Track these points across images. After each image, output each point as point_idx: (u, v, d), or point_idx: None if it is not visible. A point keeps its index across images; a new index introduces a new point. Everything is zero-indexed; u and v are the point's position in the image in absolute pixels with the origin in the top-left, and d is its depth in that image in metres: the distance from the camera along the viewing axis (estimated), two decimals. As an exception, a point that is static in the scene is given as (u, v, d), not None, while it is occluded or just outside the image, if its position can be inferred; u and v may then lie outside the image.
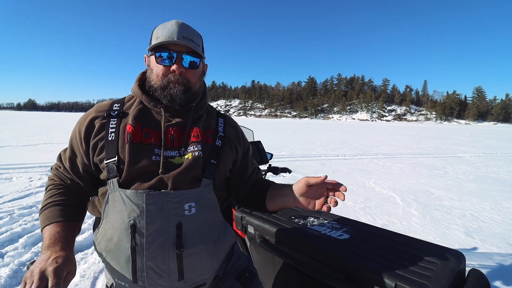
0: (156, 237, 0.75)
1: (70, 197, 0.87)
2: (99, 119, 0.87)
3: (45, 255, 0.71)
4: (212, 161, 0.88)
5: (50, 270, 0.66)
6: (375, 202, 4.30)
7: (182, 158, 0.84)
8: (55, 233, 0.77)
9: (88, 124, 0.86)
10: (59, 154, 0.93)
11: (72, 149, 0.89)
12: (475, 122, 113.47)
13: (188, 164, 0.83)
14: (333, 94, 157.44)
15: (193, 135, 0.88)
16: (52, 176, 0.93)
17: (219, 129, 0.96)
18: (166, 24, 0.85)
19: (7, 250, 2.52)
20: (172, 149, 0.85)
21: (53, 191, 0.87)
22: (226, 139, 0.95)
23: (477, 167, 7.68)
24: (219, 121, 0.99)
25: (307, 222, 1.25)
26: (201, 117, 0.94)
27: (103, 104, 0.91)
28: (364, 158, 8.81)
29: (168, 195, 0.77)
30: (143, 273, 0.76)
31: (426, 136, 22.42)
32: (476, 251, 2.83)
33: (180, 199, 0.78)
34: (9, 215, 3.25)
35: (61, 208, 0.83)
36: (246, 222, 1.35)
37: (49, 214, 0.81)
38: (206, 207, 0.83)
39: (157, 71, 0.85)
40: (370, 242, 1.05)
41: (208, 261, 0.84)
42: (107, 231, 0.79)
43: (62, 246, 0.74)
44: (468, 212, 3.94)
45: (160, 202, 0.76)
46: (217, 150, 0.90)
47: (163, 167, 0.81)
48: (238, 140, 1.02)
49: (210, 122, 0.96)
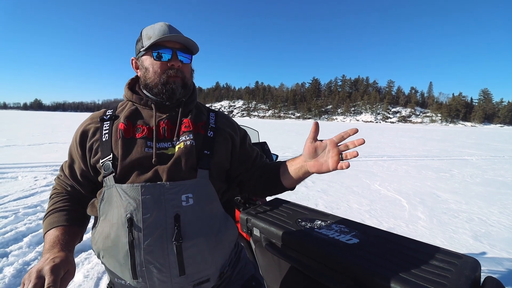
0: (153, 229, 0.74)
1: (72, 203, 0.89)
2: (93, 124, 0.90)
3: (44, 257, 0.71)
4: (206, 151, 0.87)
5: (47, 268, 0.65)
6: (380, 204, 4.24)
7: (174, 148, 0.84)
8: (55, 237, 0.78)
9: (83, 130, 0.89)
10: (61, 165, 0.96)
11: (71, 156, 0.92)
12: (481, 125, 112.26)
13: (181, 153, 0.82)
14: (337, 96, 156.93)
15: (184, 126, 0.88)
16: (55, 186, 0.96)
17: (210, 121, 0.96)
18: (154, 26, 0.89)
19: (11, 249, 2.53)
20: (164, 141, 0.86)
21: (56, 198, 0.89)
22: (218, 130, 0.95)
23: (484, 170, 7.56)
24: (210, 115, 0.99)
25: (314, 225, 1.22)
26: (191, 111, 0.95)
27: (97, 113, 0.96)
28: (368, 160, 8.73)
29: (164, 186, 0.76)
30: (143, 268, 0.74)
31: (432, 138, 22.19)
32: (485, 256, 2.76)
33: (176, 190, 0.77)
34: (14, 214, 3.26)
35: (62, 213, 0.85)
36: (251, 225, 1.33)
37: (50, 220, 0.83)
38: (204, 198, 0.81)
39: (155, 68, 0.87)
40: (380, 247, 1.01)
41: (210, 255, 0.81)
42: (104, 229, 0.78)
43: (60, 248, 0.74)
44: (476, 216, 3.87)
45: (156, 194, 0.75)
46: (210, 140, 0.90)
47: (155, 156, 0.81)
48: (233, 128, 1.01)
49: (201, 116, 0.97)
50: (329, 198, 4.48)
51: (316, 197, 4.46)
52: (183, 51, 0.89)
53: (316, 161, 0.83)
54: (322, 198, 4.43)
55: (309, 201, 4.23)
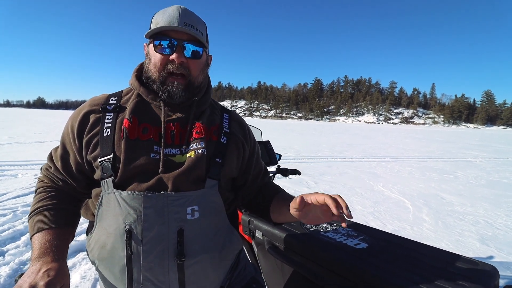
0: (154, 245, 0.68)
1: (62, 201, 0.79)
2: (94, 114, 0.79)
3: (35, 267, 0.63)
4: (217, 159, 0.79)
5: (41, 285, 0.59)
6: (384, 206, 4.17)
7: (183, 156, 0.76)
8: (46, 241, 0.69)
9: (81, 119, 0.78)
10: (49, 153, 0.84)
11: (64, 147, 0.81)
12: (484, 126, 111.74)
13: (191, 163, 0.74)
14: (340, 96, 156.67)
15: (196, 131, 0.79)
16: (42, 178, 0.84)
17: (224, 125, 0.87)
18: (166, 10, 0.77)
19: (8, 248, 2.48)
20: (172, 147, 0.77)
21: (43, 194, 0.78)
22: (231, 135, 0.86)
23: (489, 172, 7.47)
24: (223, 116, 0.90)
25: (320, 228, 1.16)
26: (204, 112, 0.85)
27: (98, 98, 0.83)
28: (371, 161, 8.66)
29: (169, 197, 0.69)
30: (140, 285, 0.68)
31: (434, 139, 22.06)
32: (493, 260, 2.69)
33: (182, 202, 0.70)
34: (13, 212, 3.22)
35: (52, 213, 0.75)
36: (254, 227, 1.27)
37: (39, 220, 0.73)
38: (210, 211, 0.75)
39: (155, 60, 0.77)
40: (391, 252, 0.95)
41: (213, 272, 0.76)
42: (100, 237, 0.72)
43: (54, 257, 0.66)
44: (481, 219, 3.79)
45: (159, 205, 0.68)
46: (222, 147, 0.82)
47: (163, 165, 0.73)
48: (245, 136, 0.93)
49: (214, 118, 0.87)
50: (332, 199, 4.41)
51: (318, 198, 4.40)
52: (193, 43, 0.76)
53: (309, 220, 0.74)
54: (324, 199, 4.36)
55: (311, 202, 4.17)
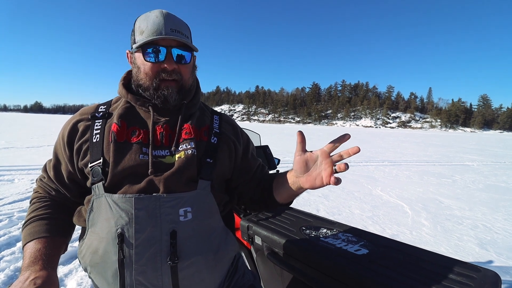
0: (146, 247, 0.67)
1: (55, 210, 0.79)
2: (83, 122, 0.80)
3: (24, 276, 0.63)
4: (208, 160, 0.79)
5: None
6: (383, 210, 4.16)
7: (173, 157, 0.76)
8: (36, 250, 0.69)
9: (71, 128, 0.79)
10: (44, 165, 0.85)
11: (56, 156, 0.82)
12: (480, 130, 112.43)
13: (181, 163, 0.74)
14: (337, 100, 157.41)
15: (185, 132, 0.80)
16: (36, 188, 0.85)
17: (214, 126, 0.87)
18: (149, 15, 0.76)
19: (3, 255, 2.44)
20: (162, 148, 0.77)
21: (37, 204, 0.79)
22: (222, 135, 0.86)
23: (486, 176, 7.49)
24: (214, 118, 0.91)
25: (320, 233, 1.15)
26: (193, 115, 0.86)
27: (88, 107, 0.85)
28: (369, 165, 8.66)
29: (160, 199, 0.69)
30: None
31: (432, 143, 22.13)
32: (492, 265, 2.68)
33: (174, 203, 0.69)
34: (8, 217, 3.17)
35: (45, 222, 0.75)
36: (252, 232, 1.26)
37: (31, 229, 0.73)
38: (204, 212, 0.74)
39: (146, 69, 0.77)
40: (392, 258, 0.94)
41: (208, 275, 0.74)
42: (92, 242, 0.71)
43: (43, 265, 0.66)
44: (480, 223, 3.79)
45: (151, 207, 0.68)
46: (213, 148, 0.82)
47: (152, 166, 0.72)
48: (236, 136, 0.93)
49: (204, 119, 0.88)
50: (330, 203, 4.40)
51: (317, 203, 4.38)
52: (182, 49, 0.77)
53: (308, 176, 0.75)
54: (323, 204, 4.35)
55: (310, 207, 4.16)
